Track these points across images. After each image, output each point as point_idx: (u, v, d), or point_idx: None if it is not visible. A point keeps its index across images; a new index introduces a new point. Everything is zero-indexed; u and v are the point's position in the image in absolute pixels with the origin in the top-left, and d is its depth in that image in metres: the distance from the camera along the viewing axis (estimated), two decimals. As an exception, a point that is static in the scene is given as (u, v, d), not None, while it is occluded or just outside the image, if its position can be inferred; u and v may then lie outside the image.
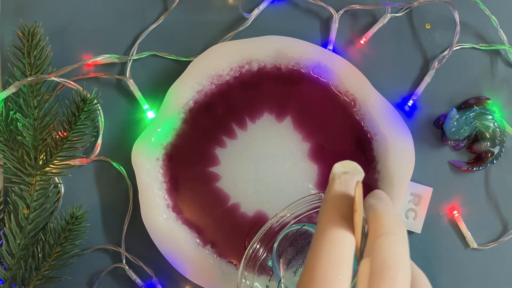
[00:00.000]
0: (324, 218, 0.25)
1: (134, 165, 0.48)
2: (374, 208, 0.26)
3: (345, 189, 0.26)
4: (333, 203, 0.25)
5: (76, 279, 0.50)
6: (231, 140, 0.49)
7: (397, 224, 0.26)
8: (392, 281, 0.24)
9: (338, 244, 0.24)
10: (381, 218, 0.26)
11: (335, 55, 0.49)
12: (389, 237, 0.25)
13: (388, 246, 0.25)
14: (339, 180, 0.26)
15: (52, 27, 0.51)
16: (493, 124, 0.49)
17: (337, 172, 0.26)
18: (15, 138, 0.47)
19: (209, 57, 0.49)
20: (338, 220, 0.25)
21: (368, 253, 0.25)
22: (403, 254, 0.25)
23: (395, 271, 0.24)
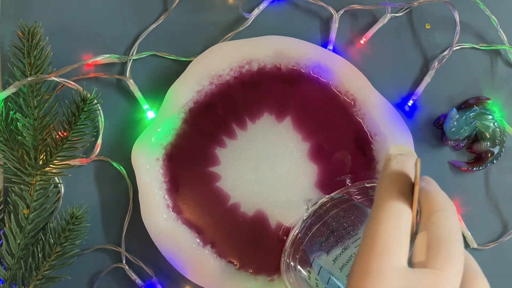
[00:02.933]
0: (383, 193, 0.27)
1: (134, 165, 0.48)
2: (425, 189, 0.28)
3: (401, 168, 0.27)
4: (391, 180, 0.27)
5: (76, 279, 0.50)
6: (231, 140, 0.49)
7: (448, 202, 0.27)
8: (449, 252, 0.25)
9: (397, 215, 0.26)
10: (434, 197, 0.27)
11: (335, 55, 0.49)
12: (443, 213, 0.26)
13: (443, 221, 0.26)
14: (395, 160, 0.27)
15: (52, 27, 0.51)
16: (493, 124, 0.49)
17: (393, 153, 0.28)
18: (15, 138, 0.47)
19: (209, 57, 0.49)
20: (396, 194, 0.26)
21: (424, 227, 0.26)
22: (457, 228, 0.26)
23: (451, 242, 0.25)
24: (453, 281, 0.25)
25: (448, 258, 0.25)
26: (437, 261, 0.25)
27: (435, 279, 0.24)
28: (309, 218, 0.40)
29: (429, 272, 0.25)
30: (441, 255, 0.25)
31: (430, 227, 0.26)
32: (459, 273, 0.25)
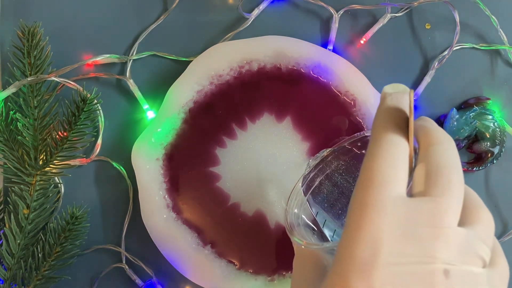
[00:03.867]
0: (378, 127, 0.27)
1: (134, 165, 0.48)
2: (423, 126, 0.28)
3: (396, 103, 0.27)
4: (386, 114, 0.27)
5: (76, 279, 0.50)
6: (231, 140, 0.49)
7: (447, 136, 0.27)
8: (447, 180, 0.25)
9: (394, 146, 0.25)
10: (432, 132, 0.27)
11: (335, 55, 0.49)
12: (441, 145, 0.26)
13: (441, 152, 0.26)
14: (390, 97, 0.27)
15: (52, 27, 0.51)
16: (493, 124, 0.49)
17: (388, 92, 0.28)
18: (15, 138, 0.47)
19: (209, 57, 0.49)
20: (393, 127, 0.26)
21: (422, 159, 0.26)
22: (456, 158, 0.26)
23: (450, 171, 0.25)
24: (453, 208, 0.24)
25: (447, 185, 0.25)
26: (436, 189, 0.25)
27: (435, 206, 0.24)
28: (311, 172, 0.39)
29: (428, 199, 0.24)
30: (439, 183, 0.25)
31: (428, 158, 0.26)
32: (459, 201, 0.25)
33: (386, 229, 0.23)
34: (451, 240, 0.24)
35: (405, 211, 0.24)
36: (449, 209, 0.24)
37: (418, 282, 0.23)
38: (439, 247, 0.23)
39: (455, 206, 0.25)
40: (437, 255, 0.23)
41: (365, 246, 0.23)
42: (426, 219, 0.24)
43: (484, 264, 0.25)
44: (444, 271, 0.23)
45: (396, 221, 0.24)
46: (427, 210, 0.24)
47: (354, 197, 0.25)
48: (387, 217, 0.24)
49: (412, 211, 0.24)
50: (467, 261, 0.24)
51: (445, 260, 0.23)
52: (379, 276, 0.23)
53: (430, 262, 0.23)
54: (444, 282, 0.23)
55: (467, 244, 0.24)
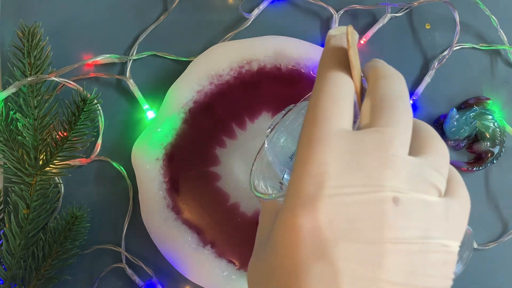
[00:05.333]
0: (322, 66, 0.26)
1: (134, 165, 0.48)
2: (371, 64, 0.27)
3: (340, 43, 0.27)
4: (330, 54, 0.26)
5: (76, 279, 0.50)
6: (231, 140, 0.49)
7: (394, 70, 0.27)
8: (392, 109, 0.24)
9: (336, 82, 0.25)
10: (379, 68, 0.27)
11: (335, 55, 0.49)
12: (387, 79, 0.26)
13: (386, 85, 0.25)
14: (334, 38, 0.27)
15: (52, 27, 0.51)
16: (493, 124, 0.49)
17: (332, 34, 0.27)
18: (15, 138, 0.47)
19: (209, 57, 0.49)
20: (335, 65, 0.26)
21: (368, 94, 0.26)
22: (402, 90, 0.25)
23: (395, 101, 0.25)
24: (399, 136, 0.24)
25: (392, 115, 0.24)
26: (380, 119, 0.24)
27: (380, 136, 0.23)
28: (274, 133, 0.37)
29: (373, 130, 0.24)
30: (384, 112, 0.24)
31: (374, 92, 0.25)
32: (405, 130, 0.24)
33: (331, 161, 0.23)
34: (399, 167, 0.23)
35: (350, 143, 0.23)
36: (395, 137, 0.23)
37: (366, 211, 0.22)
38: (387, 174, 0.23)
39: (401, 135, 0.24)
40: (385, 183, 0.23)
41: (310, 180, 0.23)
42: (372, 149, 0.23)
43: (439, 193, 0.24)
44: (393, 199, 0.22)
45: (341, 153, 0.23)
46: (372, 140, 0.23)
47: (301, 135, 0.25)
48: (332, 150, 0.23)
49: (357, 143, 0.23)
50: (418, 189, 0.23)
51: (394, 188, 0.23)
52: (325, 208, 0.22)
53: (377, 190, 0.22)
54: (394, 209, 0.22)
55: (417, 172, 0.23)
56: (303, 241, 0.22)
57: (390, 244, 0.22)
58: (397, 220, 0.22)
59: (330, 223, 0.22)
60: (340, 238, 0.22)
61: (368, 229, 0.22)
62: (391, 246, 0.22)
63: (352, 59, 0.25)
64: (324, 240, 0.22)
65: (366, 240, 0.22)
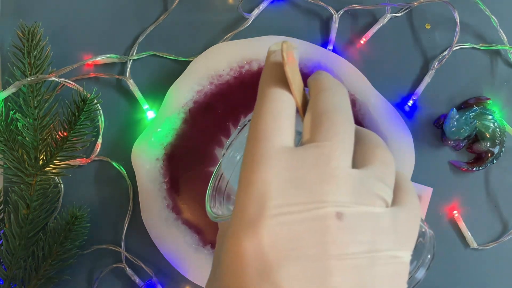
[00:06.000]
0: (262, 84, 0.26)
1: (134, 165, 0.48)
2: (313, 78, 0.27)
3: (279, 59, 0.26)
4: (269, 71, 0.26)
5: (76, 279, 0.50)
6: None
7: (335, 82, 0.26)
8: (331, 122, 0.24)
9: (275, 99, 0.25)
10: (319, 80, 0.26)
11: (335, 55, 0.49)
12: (327, 91, 0.25)
13: (326, 98, 0.25)
14: (274, 54, 0.27)
15: (52, 27, 0.51)
16: (493, 124, 0.49)
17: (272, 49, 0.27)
18: (15, 138, 0.47)
19: (209, 57, 0.49)
20: (275, 82, 0.26)
21: (309, 108, 0.25)
22: (342, 102, 0.25)
23: (333, 114, 0.24)
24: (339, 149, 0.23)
25: (331, 127, 0.24)
26: (320, 133, 0.24)
27: (319, 150, 0.23)
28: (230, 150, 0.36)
29: (314, 145, 0.23)
30: (323, 126, 0.24)
31: (314, 105, 0.25)
32: (346, 142, 0.24)
33: (272, 180, 0.22)
34: (341, 181, 0.23)
35: (292, 161, 0.23)
36: (335, 150, 0.23)
37: (309, 229, 0.22)
38: (328, 189, 0.22)
39: (342, 147, 0.23)
40: (327, 198, 0.22)
41: (252, 201, 0.22)
42: (312, 164, 0.23)
43: (385, 203, 0.24)
44: (336, 214, 0.22)
45: (282, 171, 0.23)
46: (312, 155, 0.23)
47: (243, 155, 0.24)
48: (273, 168, 0.23)
49: (298, 159, 0.23)
50: (363, 201, 0.23)
51: (337, 203, 0.22)
52: (267, 230, 0.22)
53: (320, 206, 0.22)
54: (338, 225, 0.22)
55: (361, 184, 0.23)
56: (248, 265, 0.22)
57: (336, 261, 0.22)
58: (341, 235, 0.22)
59: (273, 244, 0.22)
60: (284, 259, 0.22)
61: (311, 247, 0.22)
62: (336, 263, 0.22)
63: (289, 75, 0.25)
64: (268, 263, 0.22)
65: (310, 258, 0.22)
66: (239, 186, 0.23)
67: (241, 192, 0.23)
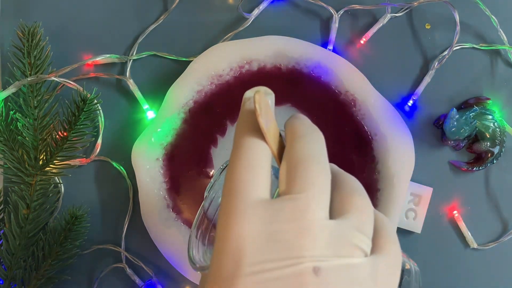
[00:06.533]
0: (237, 133, 0.26)
1: (134, 165, 0.48)
2: (289, 122, 0.27)
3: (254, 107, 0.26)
4: (244, 120, 0.26)
5: (76, 279, 0.50)
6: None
7: (309, 128, 0.26)
8: (306, 173, 0.24)
9: (250, 150, 0.24)
10: (295, 126, 0.26)
11: (335, 55, 0.49)
12: (301, 139, 0.25)
13: (300, 146, 0.25)
14: (248, 102, 0.26)
15: (52, 27, 0.51)
16: (493, 124, 0.49)
17: (247, 96, 0.27)
18: (15, 138, 0.47)
19: (209, 57, 0.49)
20: (250, 132, 0.25)
21: (284, 157, 0.25)
22: (316, 150, 0.25)
23: (308, 164, 0.24)
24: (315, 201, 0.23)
25: (306, 178, 0.23)
26: (295, 184, 0.23)
27: (295, 204, 0.23)
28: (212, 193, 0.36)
29: (289, 198, 0.23)
30: (298, 178, 0.23)
31: (289, 155, 0.25)
32: (321, 193, 0.23)
33: (248, 235, 0.22)
34: (317, 234, 0.22)
35: (267, 214, 0.22)
36: (311, 203, 0.23)
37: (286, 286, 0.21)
38: (305, 244, 0.22)
39: (317, 199, 0.23)
40: (304, 253, 0.22)
41: (228, 258, 0.22)
42: (288, 217, 0.22)
43: (364, 253, 0.24)
44: (314, 269, 0.22)
45: (258, 225, 0.22)
46: (288, 209, 0.23)
47: (220, 207, 0.24)
48: (248, 224, 0.22)
49: (274, 213, 0.22)
50: (341, 253, 0.22)
51: (314, 257, 0.22)
52: None
53: (296, 262, 0.22)
54: (315, 281, 0.21)
55: (338, 235, 0.23)
56: None
57: None
58: None
59: None
60: None
61: None
62: None
63: (263, 126, 0.25)
64: None
65: None
66: (215, 241, 0.23)
67: (217, 248, 0.23)
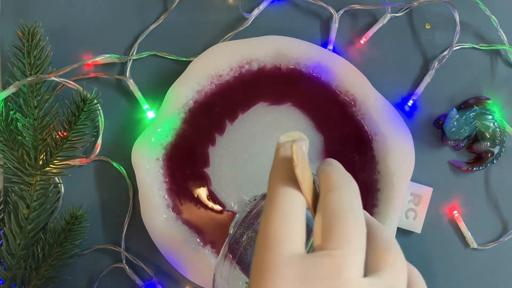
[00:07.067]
0: (271, 182, 0.26)
1: (134, 165, 0.48)
2: (322, 170, 0.27)
3: (289, 154, 0.26)
4: (279, 168, 0.26)
5: (76, 279, 0.50)
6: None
7: (345, 179, 0.26)
8: (343, 230, 0.23)
9: (286, 201, 0.24)
10: (329, 176, 0.26)
11: (335, 55, 0.49)
12: (337, 190, 0.25)
13: (336, 198, 0.25)
14: (283, 148, 0.26)
15: (52, 27, 0.51)
16: (493, 124, 0.49)
17: (281, 141, 0.27)
18: (15, 138, 0.47)
19: (209, 57, 0.49)
20: (285, 182, 0.25)
21: (319, 209, 0.25)
22: (352, 203, 0.25)
23: (345, 219, 0.24)
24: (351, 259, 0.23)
25: (343, 235, 0.23)
26: (331, 240, 0.23)
27: (331, 261, 0.23)
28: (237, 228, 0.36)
29: (324, 254, 0.23)
30: (334, 233, 0.23)
31: (324, 207, 0.24)
32: (357, 250, 0.23)
33: None
34: None
35: (302, 270, 0.22)
36: (347, 261, 0.23)
37: None
38: None
39: (353, 257, 0.23)
40: None
41: None
42: (324, 275, 0.22)
43: None
44: None
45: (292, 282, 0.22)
46: (323, 266, 0.22)
47: (253, 260, 0.24)
48: (283, 278, 0.22)
49: (309, 269, 0.22)
50: None
51: None
52: None
53: None
54: None
55: None
56: None
57: None
58: None
59: None
60: None
61: None
62: None
63: (300, 177, 0.24)
64: None
65: None
66: None
67: None
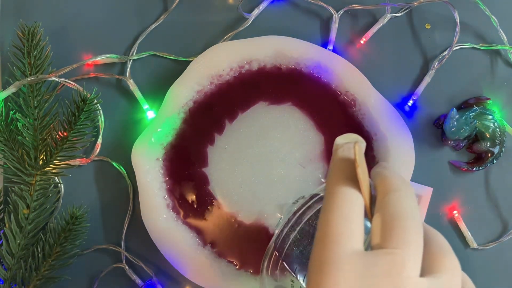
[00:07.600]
0: (331, 181, 0.26)
1: (134, 165, 0.48)
2: (379, 173, 0.27)
3: (348, 155, 0.27)
4: (338, 168, 0.27)
5: (76, 279, 0.50)
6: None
7: (403, 182, 0.27)
8: (403, 229, 0.24)
9: (346, 200, 0.25)
10: (387, 179, 0.27)
11: (335, 55, 0.49)
12: (396, 193, 0.26)
13: (396, 200, 0.25)
14: (341, 149, 0.27)
15: (52, 27, 0.51)
16: (493, 124, 0.49)
17: (339, 143, 0.28)
18: (15, 138, 0.47)
19: (209, 57, 0.49)
20: (345, 181, 0.26)
21: (378, 209, 0.26)
22: (412, 206, 0.25)
23: (405, 220, 0.25)
24: (410, 259, 0.24)
25: (403, 235, 0.24)
26: (392, 240, 0.24)
27: (391, 259, 0.23)
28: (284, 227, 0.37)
29: (385, 252, 0.24)
30: (395, 233, 0.24)
31: (383, 208, 0.25)
32: (417, 251, 0.24)
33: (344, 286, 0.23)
34: None
35: (362, 267, 0.23)
36: (407, 260, 0.24)
37: None
38: None
39: (413, 256, 0.24)
40: None
41: None
42: (384, 273, 0.23)
43: None
44: None
45: (353, 277, 0.23)
46: (384, 264, 0.23)
47: (312, 256, 0.25)
48: (344, 274, 0.23)
49: (369, 266, 0.23)
50: None
51: None
52: None
53: None
54: None
55: None
56: None
57: None
58: None
59: None
60: None
61: None
62: None
63: (361, 177, 0.26)
64: None
65: None
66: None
67: None
